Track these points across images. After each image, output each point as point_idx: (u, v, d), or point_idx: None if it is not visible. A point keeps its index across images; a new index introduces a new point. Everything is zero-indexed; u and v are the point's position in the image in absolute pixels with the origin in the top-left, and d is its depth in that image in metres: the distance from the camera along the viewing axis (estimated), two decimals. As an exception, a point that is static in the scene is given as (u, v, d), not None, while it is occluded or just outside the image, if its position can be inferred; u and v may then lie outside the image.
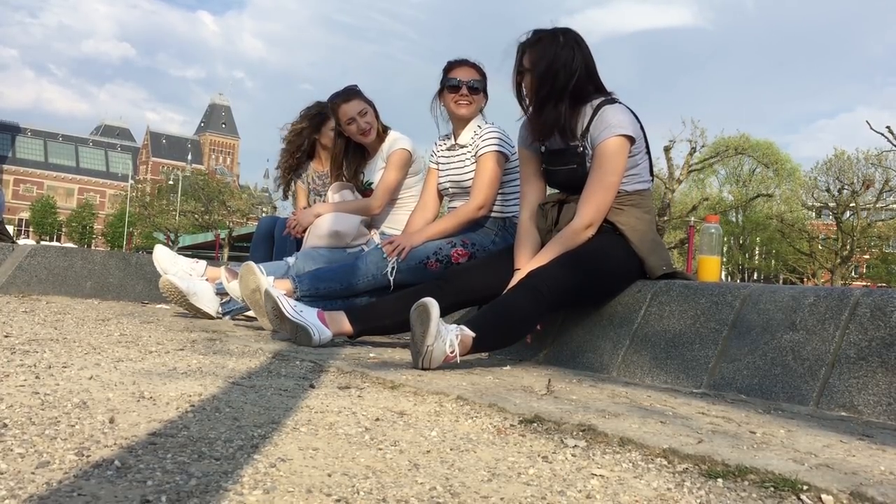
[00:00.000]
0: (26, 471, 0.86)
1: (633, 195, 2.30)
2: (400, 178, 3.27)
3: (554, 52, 2.21)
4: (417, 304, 1.94)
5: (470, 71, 2.87)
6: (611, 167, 2.20)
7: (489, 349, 2.34)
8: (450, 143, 2.97)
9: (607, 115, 2.21)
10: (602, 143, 2.20)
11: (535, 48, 2.25)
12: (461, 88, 2.83)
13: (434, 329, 1.90)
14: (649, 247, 2.29)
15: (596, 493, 0.95)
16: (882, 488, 0.99)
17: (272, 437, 1.10)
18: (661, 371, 2.04)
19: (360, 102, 3.25)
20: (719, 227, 3.35)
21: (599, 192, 2.21)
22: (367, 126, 3.25)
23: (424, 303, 1.92)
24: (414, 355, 1.97)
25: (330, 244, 3.14)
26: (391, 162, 3.26)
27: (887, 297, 1.74)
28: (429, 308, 1.90)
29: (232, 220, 43.18)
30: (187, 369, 1.69)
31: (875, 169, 30.58)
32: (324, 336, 2.30)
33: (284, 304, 2.30)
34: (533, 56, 2.24)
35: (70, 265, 4.19)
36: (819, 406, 1.69)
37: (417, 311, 1.94)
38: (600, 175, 2.20)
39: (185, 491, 0.83)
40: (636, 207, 2.30)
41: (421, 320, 1.92)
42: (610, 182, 2.21)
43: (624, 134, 2.20)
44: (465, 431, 1.25)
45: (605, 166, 2.20)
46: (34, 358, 1.68)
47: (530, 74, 2.25)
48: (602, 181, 2.20)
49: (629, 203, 2.29)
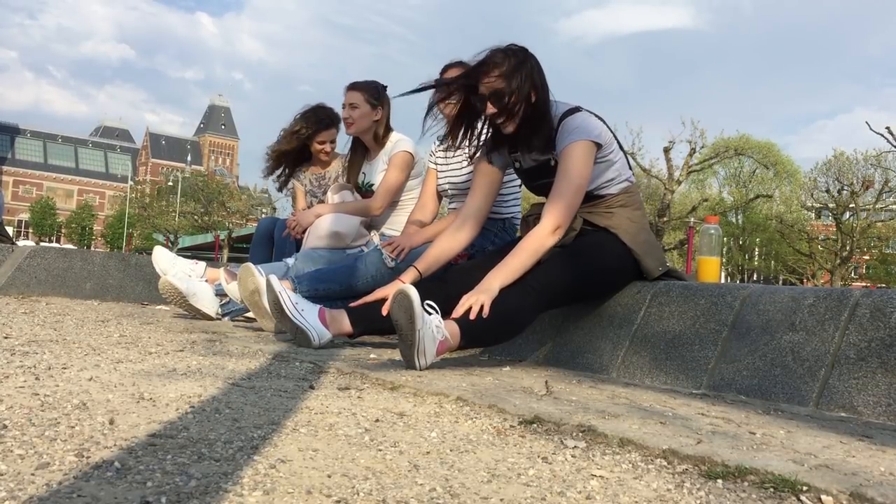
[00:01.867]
0: (26, 472, 0.86)
1: (620, 196, 2.30)
2: (402, 179, 3.27)
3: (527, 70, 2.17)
4: (396, 292, 1.92)
5: (460, 71, 2.87)
6: (575, 170, 2.16)
7: (481, 344, 2.32)
8: (447, 143, 2.97)
9: (569, 123, 2.20)
10: (565, 148, 2.17)
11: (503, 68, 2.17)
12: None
13: (419, 311, 1.88)
14: (643, 248, 2.29)
15: (596, 493, 0.95)
16: (882, 489, 0.99)
17: (272, 439, 1.10)
18: (661, 372, 2.04)
19: (359, 96, 3.28)
20: (719, 228, 3.34)
21: (565, 196, 2.16)
22: (350, 120, 3.29)
23: (403, 289, 1.90)
24: (405, 353, 1.94)
25: (330, 245, 3.14)
26: (393, 163, 3.26)
27: (887, 297, 1.74)
28: (408, 293, 1.88)
29: (231, 221, 43.19)
30: (187, 370, 1.69)
31: (874, 169, 30.61)
32: (323, 338, 2.29)
33: (286, 300, 2.28)
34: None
35: (69, 266, 4.19)
36: (819, 407, 1.69)
37: (398, 300, 1.91)
38: (565, 180, 2.17)
39: (184, 492, 0.83)
40: (625, 207, 2.30)
41: (404, 307, 1.90)
42: (575, 185, 2.16)
43: (587, 139, 2.17)
44: (465, 432, 1.25)
45: (570, 170, 2.16)
46: (34, 359, 1.68)
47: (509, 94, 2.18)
48: (567, 185, 2.16)
49: (618, 204, 2.29)
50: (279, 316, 2.32)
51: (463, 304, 2.02)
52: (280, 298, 2.28)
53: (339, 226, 3.16)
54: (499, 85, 2.13)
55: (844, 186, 31.32)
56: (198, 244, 34.41)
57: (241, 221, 44.74)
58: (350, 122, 3.30)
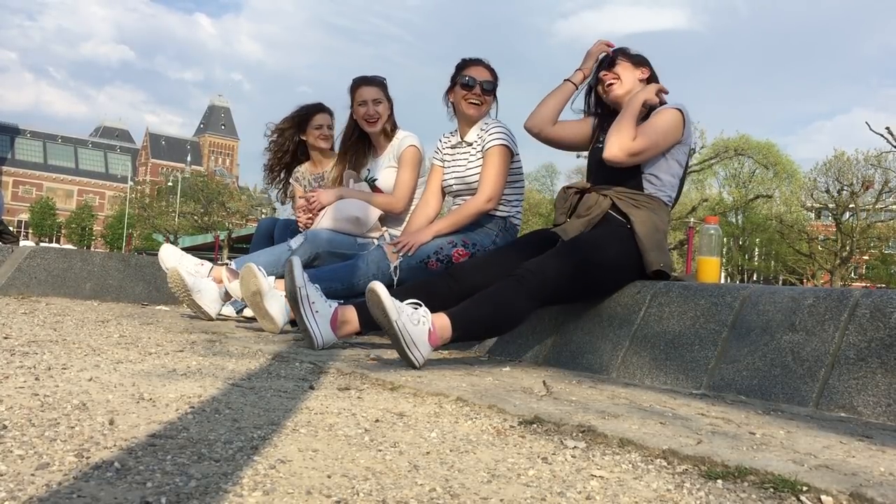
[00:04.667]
0: (26, 472, 0.86)
1: (654, 202, 2.36)
2: (416, 176, 3.23)
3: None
4: (367, 290, 1.94)
5: (484, 71, 2.87)
6: (663, 123, 2.37)
7: (475, 337, 2.33)
8: (455, 140, 2.97)
9: (676, 100, 2.48)
10: (665, 108, 2.41)
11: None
12: (475, 87, 2.82)
13: (389, 303, 1.89)
14: (653, 244, 2.30)
15: (596, 494, 0.95)
16: (882, 489, 0.99)
17: (272, 439, 1.10)
18: (661, 372, 2.04)
19: (379, 91, 3.25)
20: (719, 229, 3.34)
21: (647, 131, 2.33)
22: (376, 115, 3.22)
23: (371, 286, 1.92)
24: (399, 350, 1.94)
25: (346, 229, 3.10)
26: (404, 160, 3.22)
27: (886, 298, 1.74)
28: (375, 289, 1.90)
29: (231, 221, 43.22)
30: (187, 371, 1.69)
31: (874, 170, 30.62)
32: (327, 343, 2.26)
33: (303, 296, 2.20)
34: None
35: (69, 267, 4.19)
36: (818, 407, 1.69)
37: (369, 298, 1.93)
38: (652, 123, 2.37)
39: (184, 492, 0.83)
40: (652, 212, 2.34)
41: (375, 303, 1.91)
42: (661, 129, 2.36)
43: (683, 111, 2.41)
44: (465, 432, 1.25)
45: (658, 121, 2.37)
46: (34, 359, 1.68)
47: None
48: (653, 127, 2.35)
49: (647, 206, 2.33)
50: (292, 304, 2.25)
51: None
52: (299, 294, 2.20)
53: (363, 212, 3.12)
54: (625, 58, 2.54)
55: (844, 187, 31.34)
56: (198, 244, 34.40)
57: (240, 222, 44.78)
58: (377, 118, 3.23)
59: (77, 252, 4.45)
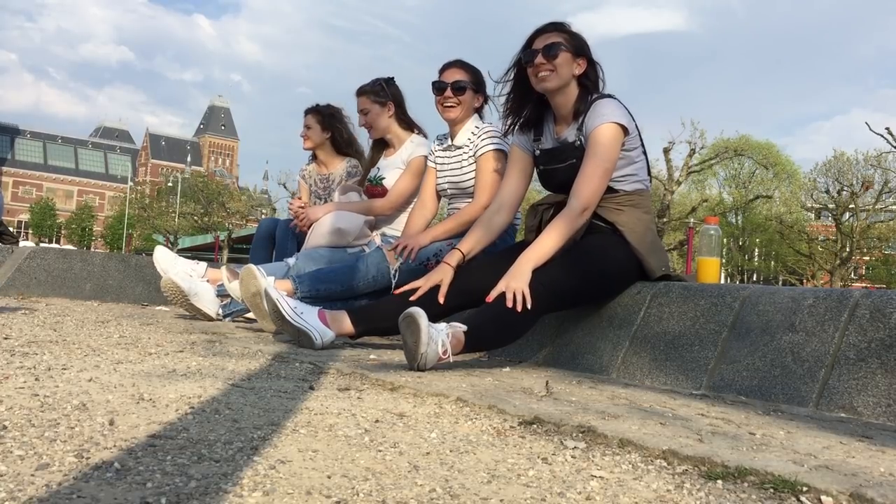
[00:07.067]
0: (26, 473, 0.86)
1: (633, 195, 2.30)
2: (415, 185, 3.26)
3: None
4: (404, 315, 1.95)
5: (456, 71, 2.88)
6: (605, 153, 2.19)
7: (485, 348, 2.33)
8: (446, 143, 2.98)
9: (601, 106, 2.23)
10: (595, 129, 2.20)
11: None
12: (445, 90, 2.85)
13: (425, 338, 1.91)
14: (648, 248, 2.29)
15: (595, 494, 0.95)
16: (882, 489, 0.99)
17: (272, 439, 1.10)
18: (661, 372, 2.04)
19: (366, 100, 3.33)
20: (719, 229, 3.34)
21: (593, 178, 2.19)
22: (368, 124, 3.36)
23: (411, 313, 1.93)
24: (409, 359, 1.97)
25: (332, 242, 3.13)
26: (410, 168, 3.26)
27: (886, 298, 1.74)
28: (416, 318, 1.92)
29: (231, 221, 43.21)
30: (187, 371, 1.69)
31: (874, 170, 30.60)
32: (326, 338, 2.28)
33: (284, 307, 2.29)
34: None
35: (69, 267, 4.19)
36: (818, 407, 1.69)
37: (406, 321, 1.95)
38: (593, 160, 2.19)
39: (184, 493, 0.83)
40: (635, 208, 2.30)
41: (411, 330, 1.94)
42: (604, 168, 2.19)
43: (617, 122, 2.20)
44: (465, 433, 1.25)
45: (598, 152, 2.19)
46: (34, 360, 1.67)
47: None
48: (595, 167, 2.19)
49: (628, 203, 2.29)
50: (280, 322, 2.33)
51: (498, 288, 2.06)
52: (279, 306, 2.28)
53: (342, 222, 3.15)
54: (554, 39, 2.26)
55: (844, 187, 31.32)
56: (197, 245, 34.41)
57: (240, 222, 44.78)
58: (369, 126, 3.36)
59: (77, 252, 4.46)
